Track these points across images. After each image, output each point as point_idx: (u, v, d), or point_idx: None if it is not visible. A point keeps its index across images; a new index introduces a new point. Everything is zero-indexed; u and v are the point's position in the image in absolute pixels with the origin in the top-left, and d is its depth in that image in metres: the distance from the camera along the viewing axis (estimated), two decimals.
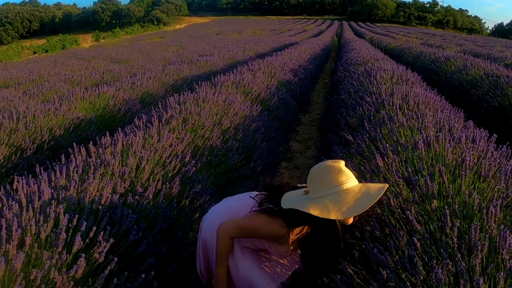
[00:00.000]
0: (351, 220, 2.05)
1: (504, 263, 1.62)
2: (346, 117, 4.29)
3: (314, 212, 1.91)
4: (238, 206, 2.30)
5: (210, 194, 3.11)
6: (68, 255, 2.00)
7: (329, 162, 2.04)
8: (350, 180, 1.98)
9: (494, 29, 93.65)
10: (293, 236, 2.14)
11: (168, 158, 3.14)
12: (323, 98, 9.63)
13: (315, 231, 2.07)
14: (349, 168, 2.07)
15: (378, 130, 3.29)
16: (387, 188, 2.04)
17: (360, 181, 2.09)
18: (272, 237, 2.17)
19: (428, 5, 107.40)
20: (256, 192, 2.35)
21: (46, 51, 37.14)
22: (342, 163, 2.03)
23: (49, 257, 1.92)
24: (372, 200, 1.93)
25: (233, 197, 2.53)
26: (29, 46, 41.71)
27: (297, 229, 2.14)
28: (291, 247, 2.18)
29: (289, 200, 2.03)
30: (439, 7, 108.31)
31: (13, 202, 2.20)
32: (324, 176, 1.99)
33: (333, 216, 1.90)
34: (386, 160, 2.61)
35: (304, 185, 2.18)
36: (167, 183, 2.85)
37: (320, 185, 1.98)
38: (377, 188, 1.99)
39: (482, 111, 6.39)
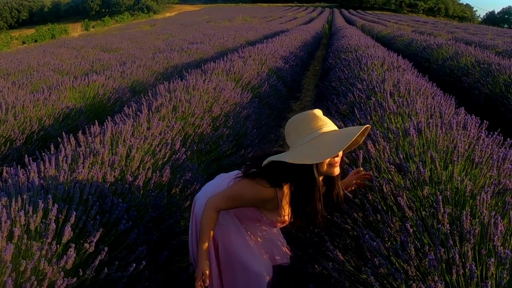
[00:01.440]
0: (336, 171, 1.95)
1: (496, 249, 1.62)
2: (337, 104, 4.28)
3: (290, 159, 1.85)
4: (228, 181, 2.20)
5: (200, 182, 3.09)
6: (58, 245, 1.98)
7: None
8: (327, 125, 1.90)
9: (485, 17, 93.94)
10: (282, 198, 2.04)
11: (158, 146, 3.11)
12: (314, 85, 9.61)
13: (297, 186, 1.99)
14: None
15: (369, 117, 3.28)
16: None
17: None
18: (259, 202, 2.06)
19: None
20: None
21: (36, 41, 36.84)
22: (317, 110, 1.96)
23: (39, 248, 1.90)
24: (351, 137, 1.85)
25: (227, 174, 2.42)
26: (18, 36, 41.33)
27: (285, 191, 2.03)
28: (283, 214, 2.09)
29: (269, 159, 1.93)
30: None
31: (2, 193, 2.18)
32: (299, 126, 1.92)
33: (309, 160, 1.84)
34: (377, 147, 2.60)
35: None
36: (157, 171, 2.83)
37: (296, 136, 1.91)
38: (357, 128, 1.93)
39: (474, 98, 6.41)
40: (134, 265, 2.05)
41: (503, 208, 1.94)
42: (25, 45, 33.75)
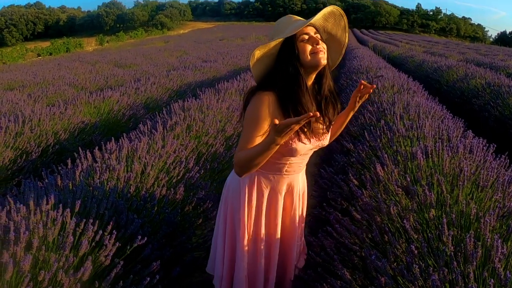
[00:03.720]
0: (322, 59, 1.84)
1: (497, 271, 1.67)
2: (347, 126, 4.34)
3: (273, 42, 1.82)
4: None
5: (213, 200, 3.15)
6: (74, 258, 2.04)
7: None
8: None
9: (497, 37, 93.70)
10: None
11: (172, 164, 3.19)
12: None
13: (285, 87, 1.85)
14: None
15: (378, 140, 3.35)
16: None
17: None
18: (270, 114, 1.83)
19: (431, 13, 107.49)
20: None
21: (50, 53, 37.32)
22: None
23: (56, 259, 1.96)
24: (327, 10, 1.88)
25: None
26: (33, 48, 41.84)
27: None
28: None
29: (253, 53, 1.85)
30: (442, 15, 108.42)
31: (21, 205, 2.24)
32: (278, 26, 1.92)
33: (280, 36, 1.83)
34: (386, 170, 2.66)
35: None
36: (172, 189, 2.89)
37: (277, 34, 1.89)
38: (331, 6, 1.91)
39: (483, 120, 6.44)
40: (148, 279, 2.11)
41: (507, 231, 1.99)
42: (40, 57, 34.23)
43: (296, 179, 2.13)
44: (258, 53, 1.83)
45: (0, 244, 1.98)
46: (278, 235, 2.17)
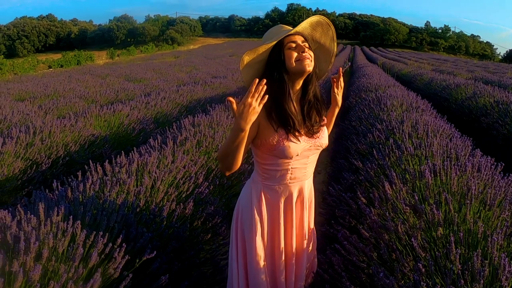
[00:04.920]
0: (307, 65, 1.89)
1: None
2: (356, 143, 4.35)
3: (261, 48, 1.89)
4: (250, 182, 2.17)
5: (222, 216, 3.17)
6: (84, 269, 2.06)
7: None
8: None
9: (505, 54, 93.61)
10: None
11: (182, 179, 3.21)
12: (334, 124, 9.69)
13: (270, 92, 1.83)
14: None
15: (387, 159, 3.36)
16: None
17: None
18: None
19: (440, 31, 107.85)
20: None
21: (61, 66, 37.68)
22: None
23: (66, 271, 1.99)
24: (314, 19, 1.94)
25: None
26: (44, 60, 42.24)
27: None
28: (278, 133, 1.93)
29: (243, 58, 1.91)
30: (451, 32, 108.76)
31: (31, 215, 2.27)
32: (269, 33, 2.00)
33: (267, 42, 1.89)
34: (394, 188, 2.68)
35: None
36: (181, 203, 2.91)
37: (266, 41, 1.96)
38: (318, 16, 1.97)
39: (492, 139, 6.42)
40: None
41: None
42: (51, 69, 34.51)
43: (303, 186, 2.13)
44: (247, 58, 1.90)
45: (10, 253, 2.01)
46: (294, 246, 2.17)
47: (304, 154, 2.02)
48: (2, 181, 4.21)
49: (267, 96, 1.63)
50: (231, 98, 1.64)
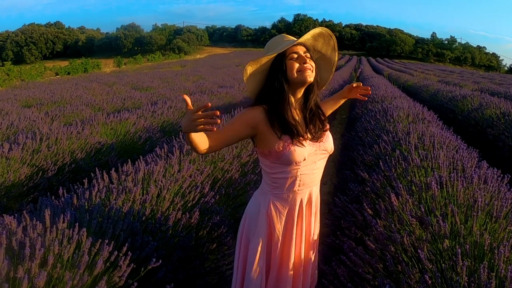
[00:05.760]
0: (308, 76, 1.93)
1: None
2: (362, 154, 4.34)
3: (264, 59, 1.94)
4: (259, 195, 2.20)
5: (227, 225, 3.17)
6: (89, 277, 2.06)
7: None
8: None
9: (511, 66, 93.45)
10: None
11: (188, 189, 3.21)
12: (340, 135, 9.67)
13: (271, 102, 1.96)
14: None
15: (393, 170, 3.35)
16: None
17: None
18: (250, 121, 1.95)
19: (446, 42, 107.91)
20: None
21: (68, 73, 37.81)
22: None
23: (71, 278, 1.99)
24: (316, 31, 1.99)
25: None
26: (51, 67, 42.36)
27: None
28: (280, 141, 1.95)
29: (246, 68, 1.98)
30: (457, 44, 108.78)
31: (37, 222, 2.27)
32: (271, 43, 2.05)
33: (270, 53, 1.94)
34: (400, 199, 2.67)
35: None
36: (187, 212, 2.91)
37: (268, 51, 2.00)
38: (319, 28, 2.03)
39: (498, 150, 6.40)
40: None
41: None
42: (58, 76, 34.63)
43: (312, 192, 2.14)
44: (250, 68, 1.95)
45: (15, 259, 2.01)
46: (303, 255, 2.17)
47: (311, 159, 2.02)
48: (8, 187, 4.22)
49: (214, 128, 1.56)
50: (185, 96, 1.63)
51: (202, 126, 1.57)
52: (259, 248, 2.09)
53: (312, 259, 2.27)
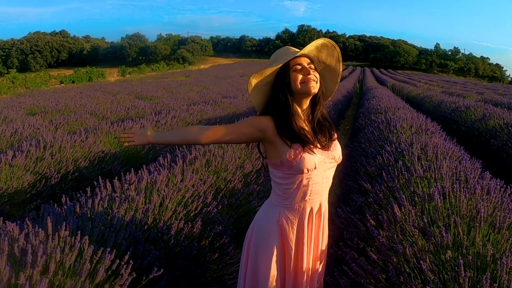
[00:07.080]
0: (312, 87, 1.95)
1: None
2: (365, 165, 4.34)
3: (268, 71, 1.96)
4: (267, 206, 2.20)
5: (230, 235, 3.16)
6: (90, 285, 2.06)
7: None
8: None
9: None
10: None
11: (190, 198, 3.22)
12: (344, 145, 9.66)
13: (277, 112, 1.99)
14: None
15: (396, 181, 3.35)
16: None
17: None
18: (256, 126, 1.98)
19: (449, 53, 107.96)
20: None
21: (73, 82, 37.93)
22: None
23: (72, 285, 1.99)
24: (319, 42, 2.01)
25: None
26: (56, 75, 42.46)
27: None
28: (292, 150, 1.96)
29: (250, 81, 2.01)
30: (460, 54, 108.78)
31: (39, 229, 2.27)
32: (275, 55, 2.07)
33: (274, 65, 1.96)
34: (403, 210, 2.66)
35: None
36: (189, 222, 2.91)
37: (273, 63, 2.02)
38: (323, 38, 2.04)
39: (501, 161, 6.38)
40: None
41: None
42: (62, 84, 34.77)
43: (322, 201, 2.13)
44: (254, 81, 1.97)
45: (17, 266, 2.01)
46: (311, 265, 2.16)
47: (321, 168, 2.02)
48: (11, 194, 4.23)
49: (126, 144, 2.21)
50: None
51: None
52: (273, 259, 2.08)
53: (320, 269, 2.26)
